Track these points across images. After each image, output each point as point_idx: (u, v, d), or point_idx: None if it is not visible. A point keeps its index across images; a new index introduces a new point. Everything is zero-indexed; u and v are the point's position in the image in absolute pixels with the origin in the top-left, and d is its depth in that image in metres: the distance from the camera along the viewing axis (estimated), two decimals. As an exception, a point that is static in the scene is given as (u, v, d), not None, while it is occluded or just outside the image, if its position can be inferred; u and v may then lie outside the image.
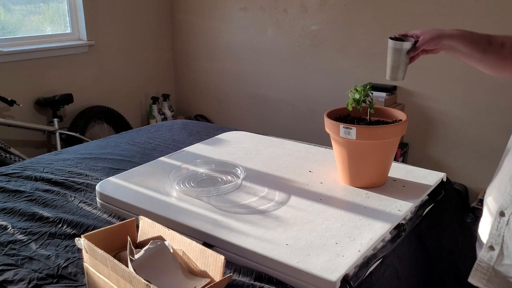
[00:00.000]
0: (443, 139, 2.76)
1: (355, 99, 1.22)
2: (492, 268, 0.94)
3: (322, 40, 3.09)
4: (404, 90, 2.84)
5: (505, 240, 0.92)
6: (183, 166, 1.40)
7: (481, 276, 0.96)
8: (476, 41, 1.15)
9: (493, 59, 1.16)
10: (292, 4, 3.15)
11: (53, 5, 3.19)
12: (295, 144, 1.66)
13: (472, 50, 1.15)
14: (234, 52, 3.54)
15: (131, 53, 3.56)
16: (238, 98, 3.63)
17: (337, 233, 1.03)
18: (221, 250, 1.00)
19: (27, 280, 0.95)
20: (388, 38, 1.15)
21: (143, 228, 0.95)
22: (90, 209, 1.26)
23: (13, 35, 2.98)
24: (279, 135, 1.91)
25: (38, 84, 3.01)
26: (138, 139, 1.87)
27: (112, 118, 3.40)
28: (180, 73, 3.94)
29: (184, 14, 3.74)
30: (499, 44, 1.14)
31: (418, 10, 2.67)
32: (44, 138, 3.12)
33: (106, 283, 0.84)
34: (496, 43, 1.15)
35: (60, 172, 1.49)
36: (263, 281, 0.93)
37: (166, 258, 0.87)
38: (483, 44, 1.15)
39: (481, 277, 0.96)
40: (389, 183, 1.29)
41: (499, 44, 1.14)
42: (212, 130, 1.97)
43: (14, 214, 1.22)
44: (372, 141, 1.20)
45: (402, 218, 1.11)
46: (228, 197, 1.22)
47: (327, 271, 0.89)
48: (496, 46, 1.15)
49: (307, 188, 1.27)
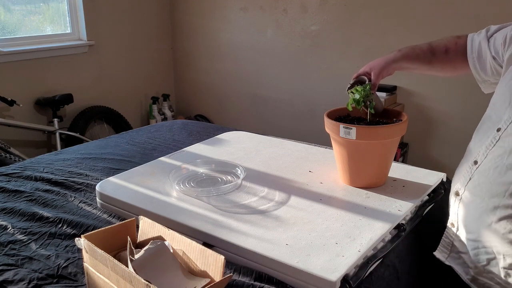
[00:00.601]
0: (443, 139, 2.76)
1: (355, 99, 1.22)
2: (451, 244, 1.04)
3: (322, 40, 3.09)
4: (404, 90, 2.84)
5: (459, 217, 1.03)
6: (183, 166, 1.40)
7: (443, 251, 1.07)
8: (419, 56, 1.24)
9: (440, 66, 1.25)
10: (292, 4, 3.15)
11: (53, 5, 3.19)
12: (295, 144, 1.66)
13: (419, 64, 1.25)
14: (234, 52, 3.54)
15: (131, 53, 3.56)
16: (238, 98, 3.63)
17: (337, 233, 1.03)
18: (221, 250, 1.00)
19: (27, 280, 0.95)
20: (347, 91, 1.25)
21: (143, 228, 0.95)
22: (90, 209, 1.26)
23: (13, 35, 2.98)
24: (279, 135, 1.91)
25: (38, 84, 3.01)
26: (138, 139, 1.87)
27: (112, 118, 3.40)
28: (180, 73, 3.94)
29: (184, 14, 3.74)
30: (442, 51, 1.23)
31: (418, 10, 2.67)
32: (44, 138, 3.12)
33: (106, 283, 0.84)
34: (440, 51, 1.24)
35: (60, 172, 1.49)
36: (263, 281, 0.93)
37: (166, 258, 0.87)
38: (426, 56, 1.24)
39: (443, 251, 1.07)
40: (389, 183, 1.29)
41: (442, 51, 1.23)
42: (212, 130, 1.97)
43: (14, 214, 1.22)
44: (372, 141, 1.20)
45: (402, 218, 1.11)
46: (228, 197, 1.22)
47: (327, 271, 0.89)
48: (440, 54, 1.24)
49: (307, 188, 1.27)
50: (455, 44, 1.22)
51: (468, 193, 1.01)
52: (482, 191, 0.98)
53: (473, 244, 1.00)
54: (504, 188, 0.93)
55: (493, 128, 1.00)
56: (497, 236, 0.95)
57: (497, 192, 0.94)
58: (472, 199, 1.00)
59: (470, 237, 1.01)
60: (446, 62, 1.24)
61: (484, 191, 0.97)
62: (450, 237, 1.06)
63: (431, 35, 2.64)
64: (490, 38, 1.17)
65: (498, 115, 1.01)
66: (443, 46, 1.23)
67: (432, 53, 1.24)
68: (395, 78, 2.70)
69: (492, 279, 0.98)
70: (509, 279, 0.95)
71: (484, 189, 0.97)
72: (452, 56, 1.22)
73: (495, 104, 1.05)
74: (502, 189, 0.93)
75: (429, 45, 1.25)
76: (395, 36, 2.77)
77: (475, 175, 1.00)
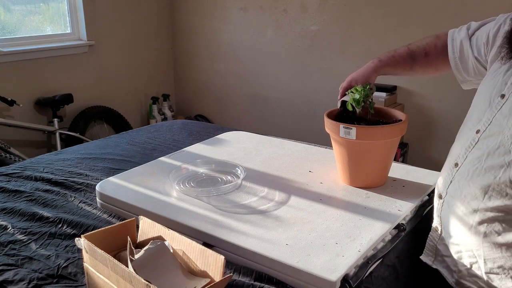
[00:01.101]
0: (443, 139, 2.76)
1: (355, 99, 1.22)
2: (435, 247, 1.05)
3: (322, 40, 3.09)
4: (404, 90, 2.84)
5: (443, 221, 1.03)
6: (183, 166, 1.40)
7: (429, 254, 1.06)
8: (399, 63, 1.25)
9: (421, 69, 1.26)
10: (292, 4, 3.15)
11: (53, 5, 3.19)
12: (295, 144, 1.66)
13: (400, 70, 1.27)
14: (234, 52, 3.54)
15: (131, 53, 3.56)
16: (238, 98, 3.63)
17: (337, 233, 1.03)
18: (221, 250, 1.00)
19: (27, 280, 0.95)
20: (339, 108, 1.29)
21: (143, 228, 0.95)
22: (90, 209, 1.26)
23: (13, 35, 2.98)
24: (279, 135, 1.91)
25: (38, 84, 3.01)
26: (138, 139, 1.87)
27: (112, 118, 3.40)
28: (180, 73, 3.94)
29: (184, 14, 3.74)
30: (422, 55, 1.23)
31: (418, 10, 2.67)
32: (44, 138, 3.12)
33: (106, 283, 0.84)
34: (419, 54, 1.23)
35: (60, 172, 1.49)
36: (263, 281, 0.93)
37: (166, 258, 0.87)
38: (406, 62, 1.25)
39: (429, 254, 1.06)
40: (389, 183, 1.29)
41: (422, 55, 1.23)
42: (212, 130, 1.97)
43: (14, 214, 1.22)
44: (372, 141, 1.20)
45: (402, 218, 1.11)
46: (228, 197, 1.22)
47: (327, 271, 0.89)
48: (419, 57, 1.24)
49: (307, 188, 1.27)
50: (434, 46, 1.21)
51: (449, 196, 1.00)
52: (462, 193, 0.96)
53: (456, 248, 0.99)
54: (483, 191, 0.91)
55: (473, 129, 0.98)
56: (478, 240, 0.93)
57: (476, 195, 0.92)
58: (453, 202, 0.98)
59: (453, 240, 0.99)
60: (427, 65, 1.23)
61: (464, 193, 0.95)
62: (434, 240, 1.05)
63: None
64: (471, 36, 1.14)
65: (478, 116, 0.99)
66: (422, 49, 1.22)
67: (412, 58, 1.23)
68: (395, 78, 2.70)
69: (475, 283, 0.96)
70: (492, 283, 0.93)
71: (464, 191, 0.95)
72: (433, 58, 1.21)
73: (476, 106, 1.03)
74: (481, 192, 0.92)
75: (408, 49, 1.24)
76: (395, 36, 2.77)
77: (456, 177, 0.99)
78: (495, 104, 0.95)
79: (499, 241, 0.91)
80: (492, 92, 0.98)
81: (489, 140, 0.93)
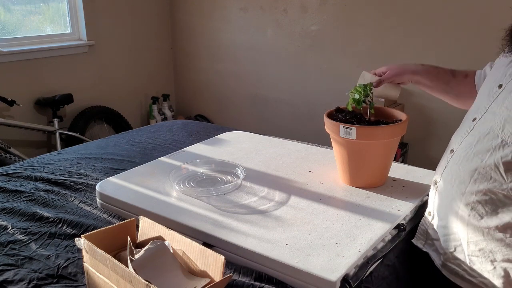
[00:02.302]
0: (443, 139, 2.75)
1: (355, 99, 1.22)
2: (426, 231, 1.07)
3: (322, 40, 3.09)
4: (404, 90, 2.83)
5: (435, 206, 1.05)
6: (183, 166, 1.40)
7: (420, 238, 1.09)
8: (440, 74, 1.26)
9: (457, 89, 1.27)
10: (292, 4, 3.15)
11: (53, 5, 3.19)
12: (295, 144, 1.66)
13: (437, 82, 1.27)
14: (234, 52, 3.54)
15: (131, 53, 3.56)
16: (238, 98, 3.63)
17: (337, 233, 1.03)
18: (221, 250, 1.00)
19: (27, 280, 0.95)
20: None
21: (143, 228, 0.95)
22: (90, 209, 1.26)
23: (13, 35, 2.98)
24: (279, 135, 1.91)
25: (38, 84, 3.01)
26: (138, 139, 1.87)
27: (112, 118, 3.39)
28: (180, 73, 3.94)
29: (184, 14, 3.74)
30: (463, 75, 1.26)
31: (418, 10, 2.67)
32: (44, 138, 3.12)
33: (106, 283, 0.84)
34: (460, 74, 1.26)
35: (60, 172, 1.49)
36: (263, 281, 0.93)
37: (166, 258, 0.87)
38: (446, 76, 1.26)
39: (420, 238, 1.09)
40: (389, 183, 1.29)
41: (463, 75, 1.26)
42: (212, 130, 1.97)
43: (14, 214, 1.22)
44: (372, 141, 1.20)
45: (402, 218, 1.11)
46: (228, 197, 1.22)
47: (327, 271, 0.89)
48: (460, 77, 1.26)
49: (307, 188, 1.27)
50: (474, 72, 1.24)
51: (442, 181, 1.03)
52: (452, 178, 0.99)
53: (443, 231, 1.02)
54: (470, 174, 0.94)
55: (471, 118, 1.02)
56: (462, 223, 0.96)
57: (464, 178, 0.96)
58: (445, 187, 1.02)
59: (441, 223, 1.03)
60: (463, 86, 1.25)
61: (454, 177, 0.99)
62: (426, 224, 1.08)
63: (431, 35, 2.65)
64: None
65: (477, 105, 1.03)
66: (463, 71, 1.26)
67: (452, 75, 1.26)
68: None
69: (459, 266, 0.99)
70: (473, 266, 0.96)
71: (454, 176, 0.99)
72: (471, 82, 1.23)
73: (478, 97, 1.07)
74: (468, 175, 0.95)
75: (450, 68, 1.28)
76: (395, 36, 2.77)
77: (450, 163, 1.02)
78: (492, 93, 0.99)
79: (481, 225, 0.93)
80: (492, 83, 1.02)
81: (481, 127, 0.97)
